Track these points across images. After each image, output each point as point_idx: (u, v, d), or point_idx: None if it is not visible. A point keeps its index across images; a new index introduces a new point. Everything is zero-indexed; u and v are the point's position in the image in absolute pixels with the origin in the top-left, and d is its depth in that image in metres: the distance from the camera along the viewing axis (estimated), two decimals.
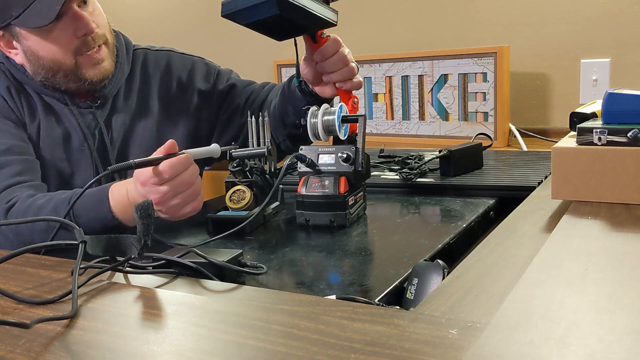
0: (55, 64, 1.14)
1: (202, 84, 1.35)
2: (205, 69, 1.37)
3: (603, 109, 0.90)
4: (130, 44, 1.32)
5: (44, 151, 1.17)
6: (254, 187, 1.05)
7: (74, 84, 1.17)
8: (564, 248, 0.71)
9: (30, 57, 1.15)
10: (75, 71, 1.15)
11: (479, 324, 0.52)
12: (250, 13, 0.99)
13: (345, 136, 1.04)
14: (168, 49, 1.37)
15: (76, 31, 1.12)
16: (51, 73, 1.15)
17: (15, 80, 1.19)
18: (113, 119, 1.24)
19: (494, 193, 1.14)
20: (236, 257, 0.75)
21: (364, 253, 0.87)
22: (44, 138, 1.17)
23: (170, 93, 1.32)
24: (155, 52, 1.34)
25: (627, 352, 0.45)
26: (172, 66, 1.34)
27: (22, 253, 0.72)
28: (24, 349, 0.53)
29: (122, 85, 1.26)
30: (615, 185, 0.85)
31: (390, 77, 2.06)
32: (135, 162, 0.89)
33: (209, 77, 1.36)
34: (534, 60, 1.99)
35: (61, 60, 1.14)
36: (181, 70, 1.34)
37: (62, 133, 1.19)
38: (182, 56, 1.37)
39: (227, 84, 1.36)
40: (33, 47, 1.13)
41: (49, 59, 1.14)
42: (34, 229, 1.00)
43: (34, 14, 1.08)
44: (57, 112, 1.20)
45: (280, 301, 0.61)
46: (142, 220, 0.68)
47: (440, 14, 2.12)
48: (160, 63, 1.33)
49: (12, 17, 1.10)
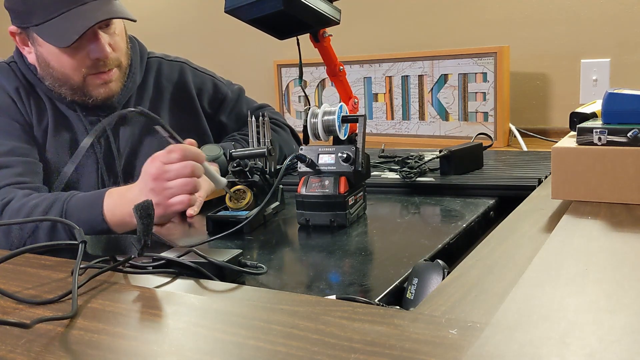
0: (63, 77, 1.15)
1: (207, 106, 1.37)
2: (213, 91, 1.38)
3: (603, 109, 0.90)
4: (145, 51, 1.32)
5: (50, 154, 1.17)
6: (254, 187, 1.05)
7: (79, 98, 1.18)
8: (564, 248, 0.71)
9: (41, 62, 1.16)
10: (82, 88, 1.16)
11: (479, 324, 0.52)
12: (253, 9, 0.99)
13: (345, 136, 1.04)
14: (182, 61, 1.38)
15: (90, 53, 1.13)
16: (58, 84, 1.16)
17: (26, 81, 1.19)
18: (122, 127, 1.24)
19: (494, 193, 1.14)
20: (236, 257, 0.75)
21: (364, 253, 0.87)
22: (51, 141, 1.17)
23: (180, 106, 1.33)
24: (169, 62, 1.34)
25: (627, 352, 0.45)
26: (185, 80, 1.34)
27: (22, 253, 0.72)
28: (24, 349, 0.53)
29: (134, 93, 1.26)
30: (615, 185, 0.85)
31: (390, 77, 2.06)
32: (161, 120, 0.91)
33: (214, 102, 1.38)
34: (534, 60, 1.99)
35: (70, 75, 1.14)
36: (192, 87, 1.35)
37: (69, 137, 1.19)
38: (195, 72, 1.37)
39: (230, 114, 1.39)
40: (45, 55, 1.14)
41: (58, 71, 1.14)
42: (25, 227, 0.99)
43: (53, 30, 1.09)
44: (66, 116, 1.20)
45: (280, 301, 0.61)
46: (142, 220, 0.68)
47: (440, 14, 2.13)
48: (173, 74, 1.33)
49: (32, 24, 1.11)
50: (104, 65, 1.15)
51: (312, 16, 1.02)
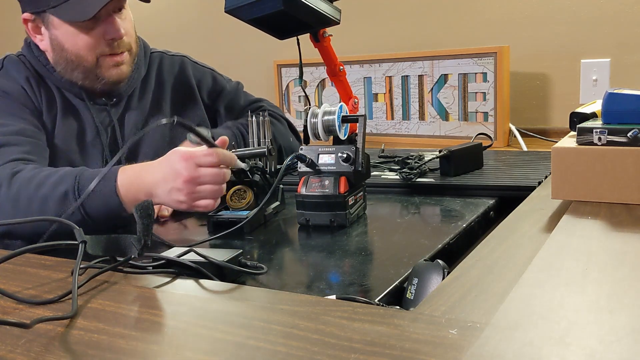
0: (77, 59, 1.17)
1: (206, 97, 1.40)
2: (212, 84, 1.41)
3: (603, 109, 0.90)
4: (148, 47, 1.37)
5: (58, 140, 1.20)
6: (254, 186, 1.05)
7: (90, 82, 1.20)
8: (564, 248, 0.71)
9: (55, 46, 1.18)
10: (94, 70, 1.19)
11: (479, 324, 0.52)
12: (253, 9, 0.99)
13: (345, 136, 1.04)
14: (183, 55, 1.42)
15: (105, 34, 1.16)
16: (71, 67, 1.18)
17: (35, 72, 1.22)
18: (126, 117, 1.27)
19: (494, 193, 1.14)
20: (236, 257, 0.75)
21: (364, 253, 0.87)
22: (59, 129, 1.20)
23: (181, 98, 1.37)
24: (170, 57, 1.39)
25: (627, 352, 0.45)
26: (185, 73, 1.38)
27: (22, 253, 0.72)
28: (24, 349, 0.53)
29: (138, 86, 1.30)
30: (615, 185, 0.85)
31: (390, 77, 2.06)
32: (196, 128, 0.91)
33: (212, 94, 1.41)
34: (534, 60, 1.99)
35: (84, 56, 1.17)
36: (192, 79, 1.39)
37: (77, 127, 1.22)
38: (195, 65, 1.41)
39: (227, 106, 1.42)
40: (60, 37, 1.17)
41: (72, 53, 1.17)
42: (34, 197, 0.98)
43: (71, 7, 1.13)
44: (74, 106, 1.23)
45: (280, 301, 0.61)
46: (142, 220, 0.68)
47: (440, 14, 2.13)
48: (174, 68, 1.38)
49: (49, 6, 1.14)
50: (117, 47, 1.18)
51: (312, 16, 1.02)
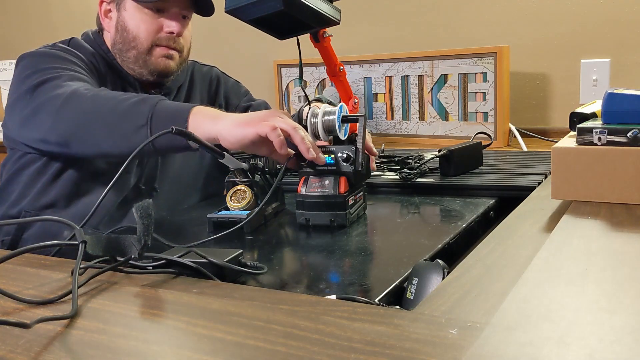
0: (134, 40, 1.25)
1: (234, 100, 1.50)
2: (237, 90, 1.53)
3: (603, 109, 0.90)
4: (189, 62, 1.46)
5: None
6: (254, 187, 1.05)
7: (139, 68, 1.28)
8: (564, 248, 0.71)
9: (118, 26, 1.27)
10: (145, 56, 1.26)
11: (479, 324, 0.52)
12: (254, 9, 0.99)
13: (345, 136, 1.04)
14: (212, 66, 1.53)
15: (166, 26, 1.26)
16: (127, 47, 1.26)
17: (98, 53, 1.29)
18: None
19: (494, 193, 1.14)
20: (236, 257, 0.75)
21: (364, 253, 0.87)
22: None
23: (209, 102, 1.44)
24: (201, 66, 1.50)
25: (627, 352, 0.45)
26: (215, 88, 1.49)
27: (22, 253, 0.72)
28: (24, 349, 0.53)
29: (175, 90, 1.38)
30: (615, 185, 0.85)
31: (390, 77, 2.06)
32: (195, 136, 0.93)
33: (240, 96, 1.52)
34: (534, 60, 1.99)
35: (141, 40, 1.25)
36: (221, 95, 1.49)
37: None
38: (224, 76, 1.53)
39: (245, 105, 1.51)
40: (127, 18, 1.26)
41: (132, 34, 1.25)
42: (115, 99, 1.05)
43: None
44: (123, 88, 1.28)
45: (280, 301, 0.61)
46: (142, 220, 0.68)
47: (440, 14, 2.12)
48: (205, 76, 1.48)
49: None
50: (173, 42, 1.27)
51: (312, 16, 1.02)
